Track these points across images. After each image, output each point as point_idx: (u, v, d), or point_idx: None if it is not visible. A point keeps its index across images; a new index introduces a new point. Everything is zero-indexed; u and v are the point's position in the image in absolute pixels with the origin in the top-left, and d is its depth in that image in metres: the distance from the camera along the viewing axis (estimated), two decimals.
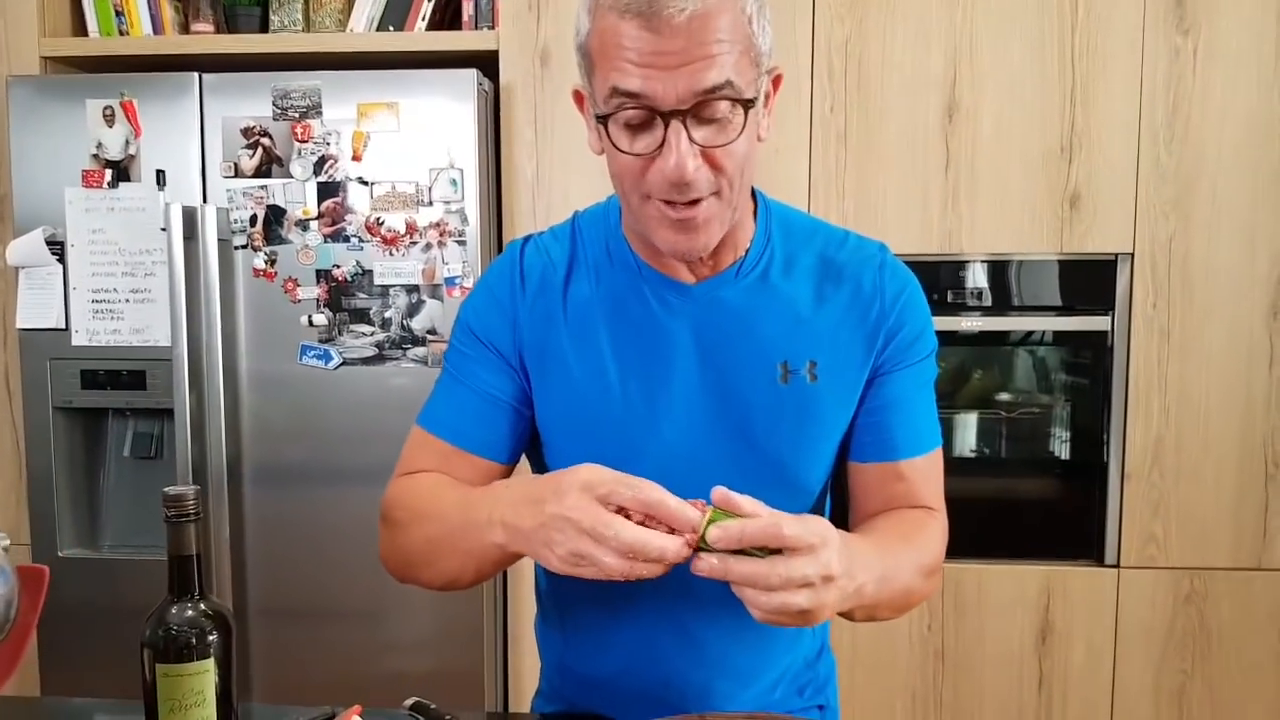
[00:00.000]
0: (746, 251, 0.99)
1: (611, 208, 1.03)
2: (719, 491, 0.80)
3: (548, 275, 1.02)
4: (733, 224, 0.94)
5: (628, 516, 0.78)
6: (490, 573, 0.92)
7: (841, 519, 1.00)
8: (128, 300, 2.12)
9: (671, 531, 0.78)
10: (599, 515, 0.77)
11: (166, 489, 0.84)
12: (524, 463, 1.10)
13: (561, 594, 1.09)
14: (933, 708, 2.15)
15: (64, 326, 2.13)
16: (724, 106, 0.84)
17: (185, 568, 0.84)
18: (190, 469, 2.09)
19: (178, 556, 0.84)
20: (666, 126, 0.84)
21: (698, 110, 0.83)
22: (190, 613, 0.84)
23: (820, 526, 0.79)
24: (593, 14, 0.86)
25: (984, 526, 2.19)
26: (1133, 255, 2.06)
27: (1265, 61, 2.00)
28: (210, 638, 0.84)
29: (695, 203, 0.87)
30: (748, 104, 0.85)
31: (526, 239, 1.05)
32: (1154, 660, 2.11)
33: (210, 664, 0.83)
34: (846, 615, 0.88)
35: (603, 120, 0.86)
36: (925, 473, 1.03)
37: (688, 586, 0.98)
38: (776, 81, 0.92)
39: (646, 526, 0.78)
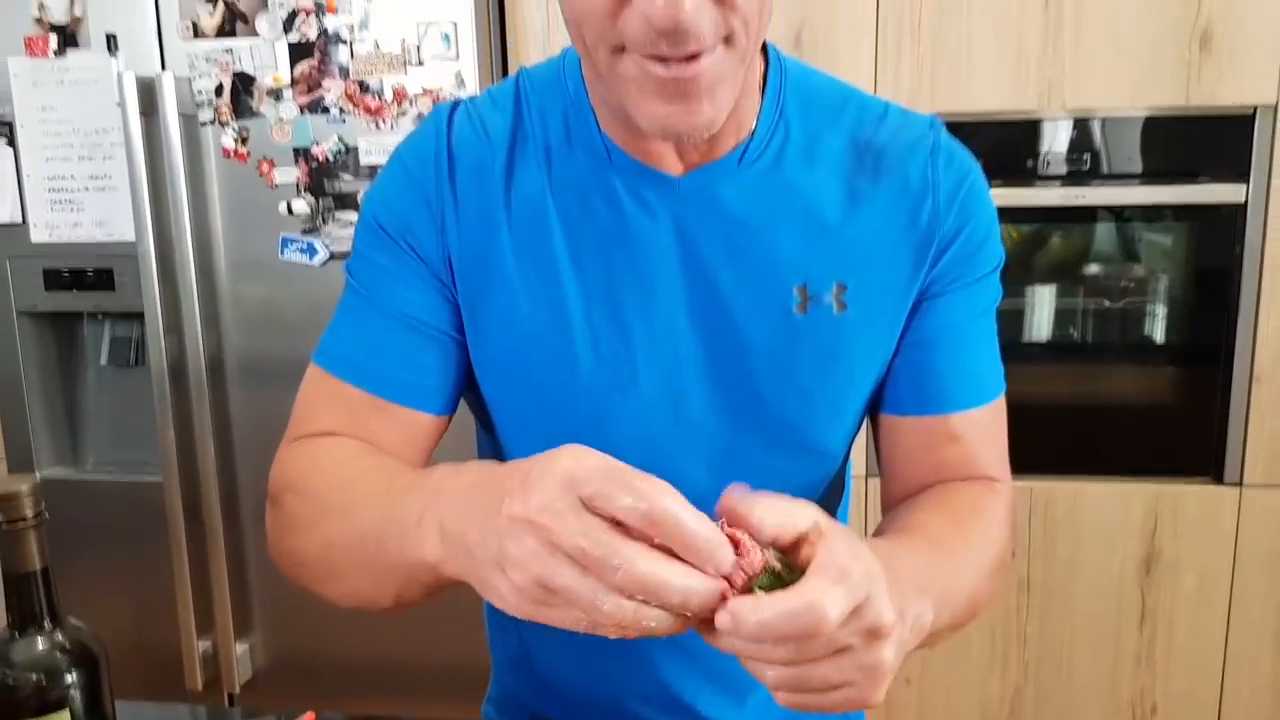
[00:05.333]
0: (753, 130, 0.74)
1: (568, 65, 0.77)
2: (732, 500, 0.51)
3: (484, 158, 0.75)
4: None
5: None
6: (419, 598, 0.63)
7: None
8: (87, 189, 1.87)
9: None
10: (589, 528, 0.48)
11: None
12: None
13: None
14: (1015, 645, 1.88)
15: (20, 221, 1.89)
16: None
17: (27, 589, 0.64)
18: (166, 375, 1.87)
19: (17, 575, 0.63)
20: None
21: None
22: (40, 648, 0.64)
23: (863, 570, 0.50)
24: None
25: (1081, 436, 1.88)
26: (1276, 108, 1.68)
27: None
28: (67, 679, 0.64)
29: (695, 56, 0.61)
30: None
31: (455, 103, 0.78)
32: (1278, 595, 1.81)
33: (65, 716, 0.64)
34: None
35: None
36: (985, 430, 0.79)
37: None
38: None
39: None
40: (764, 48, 0.75)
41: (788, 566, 0.50)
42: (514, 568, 0.49)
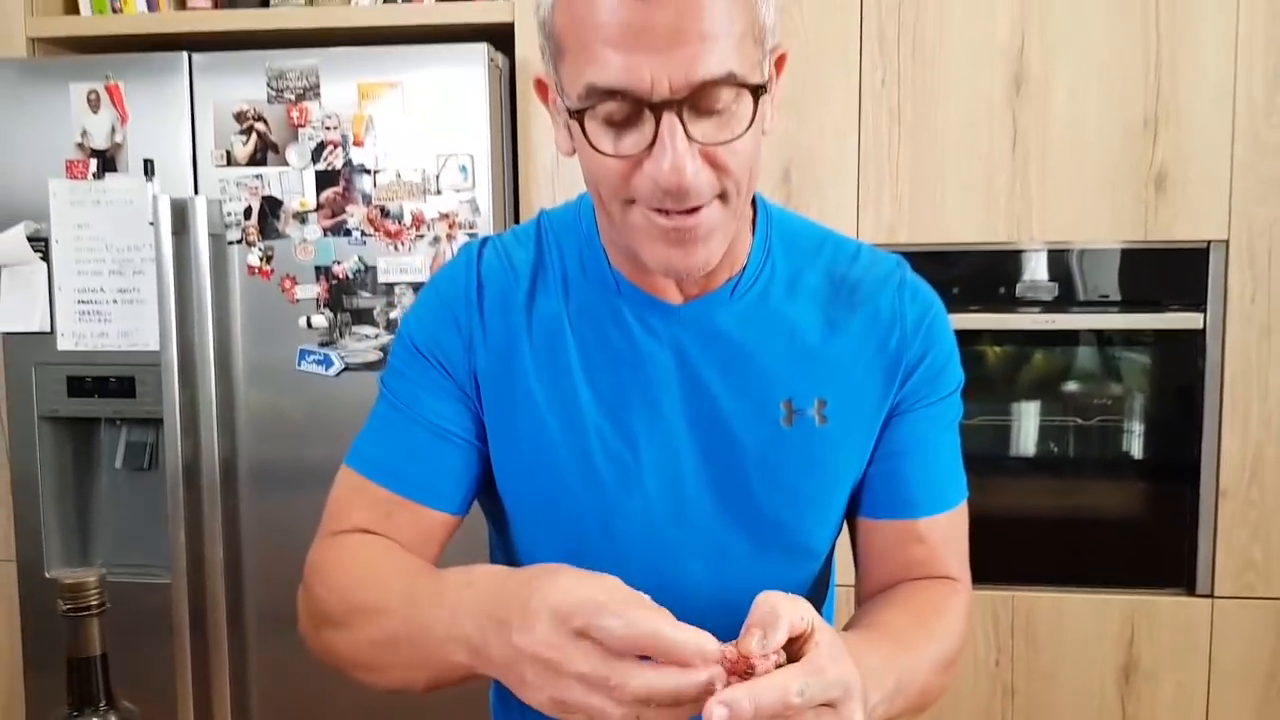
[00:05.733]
0: (744, 267, 0.86)
1: (584, 209, 0.89)
2: (766, 601, 0.61)
3: (509, 287, 0.86)
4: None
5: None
6: (454, 683, 0.73)
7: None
8: (115, 301, 1.97)
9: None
10: (586, 656, 0.58)
11: (63, 577, 0.70)
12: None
13: None
14: None
15: (49, 330, 1.98)
16: (727, 95, 0.70)
17: (87, 672, 0.71)
18: (181, 481, 1.93)
19: (79, 659, 0.70)
20: (658, 120, 0.70)
21: (695, 100, 0.70)
22: None
23: (839, 673, 0.60)
24: None
25: (1061, 549, 1.96)
26: (1227, 243, 1.82)
27: None
28: None
29: (694, 210, 0.73)
30: (756, 90, 0.71)
31: (484, 240, 0.90)
32: (1253, 702, 1.87)
33: None
34: None
35: (577, 116, 0.72)
36: (948, 533, 0.88)
37: None
38: (780, 63, 0.78)
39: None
40: (753, 198, 0.87)
41: (788, 662, 0.61)
42: (531, 689, 0.61)
